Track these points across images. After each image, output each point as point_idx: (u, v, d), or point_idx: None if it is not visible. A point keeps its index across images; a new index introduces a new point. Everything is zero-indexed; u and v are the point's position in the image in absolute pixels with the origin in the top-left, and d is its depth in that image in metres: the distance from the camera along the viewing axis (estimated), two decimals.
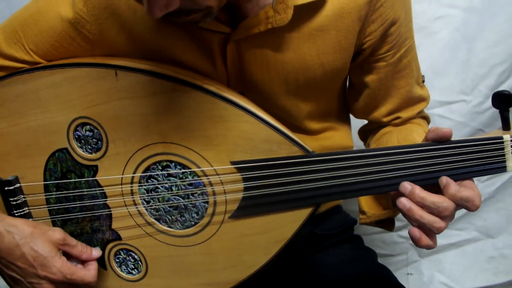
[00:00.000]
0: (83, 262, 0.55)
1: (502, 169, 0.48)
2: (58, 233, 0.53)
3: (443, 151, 0.48)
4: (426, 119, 0.68)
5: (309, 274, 0.69)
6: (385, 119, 0.64)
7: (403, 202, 0.48)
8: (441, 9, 0.92)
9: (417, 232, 0.49)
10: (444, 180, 0.48)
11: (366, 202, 0.62)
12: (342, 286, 0.66)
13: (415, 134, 0.60)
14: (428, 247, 0.49)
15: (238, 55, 0.54)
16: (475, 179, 0.48)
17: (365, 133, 0.71)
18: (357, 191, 0.50)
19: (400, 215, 0.61)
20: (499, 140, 0.47)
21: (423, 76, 0.65)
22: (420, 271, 1.03)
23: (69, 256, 0.54)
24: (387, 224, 0.64)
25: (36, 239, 0.51)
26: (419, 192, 0.48)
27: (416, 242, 0.49)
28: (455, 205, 0.47)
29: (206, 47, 0.54)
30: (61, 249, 0.53)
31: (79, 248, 0.55)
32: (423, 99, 0.65)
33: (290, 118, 0.59)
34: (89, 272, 0.54)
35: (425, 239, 0.49)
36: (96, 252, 0.56)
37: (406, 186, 0.49)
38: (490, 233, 1.03)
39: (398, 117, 0.64)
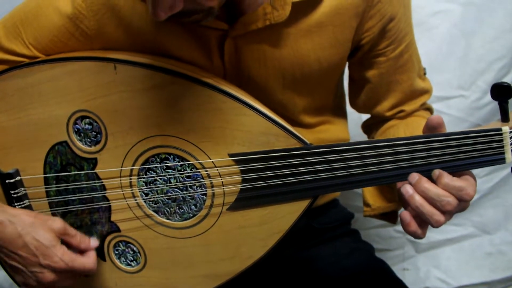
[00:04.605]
0: (82, 252, 0.56)
1: (501, 160, 0.48)
2: (58, 223, 0.54)
3: (441, 143, 0.48)
4: (430, 110, 0.68)
5: (307, 268, 0.69)
6: (389, 113, 0.65)
7: (406, 188, 0.48)
8: (439, 4, 0.92)
9: (407, 216, 0.49)
10: (437, 172, 0.48)
11: (371, 195, 0.62)
12: (339, 279, 0.66)
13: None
14: (415, 235, 0.49)
15: (236, 51, 0.55)
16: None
17: (369, 127, 0.71)
18: (355, 183, 0.50)
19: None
20: (498, 132, 0.47)
21: (424, 68, 0.66)
22: (417, 266, 1.03)
23: (68, 246, 0.55)
24: (390, 217, 0.64)
25: (37, 228, 0.52)
26: (424, 182, 0.48)
27: (404, 226, 0.49)
28: (457, 201, 0.47)
29: (204, 43, 0.54)
30: (61, 238, 0.54)
31: (78, 238, 0.55)
32: (426, 91, 0.66)
33: (286, 112, 0.59)
34: (89, 259, 0.55)
35: (414, 225, 0.48)
36: (94, 242, 0.57)
37: (414, 175, 0.48)
38: (487, 229, 1.03)
39: (402, 111, 0.64)
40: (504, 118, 0.49)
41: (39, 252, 0.51)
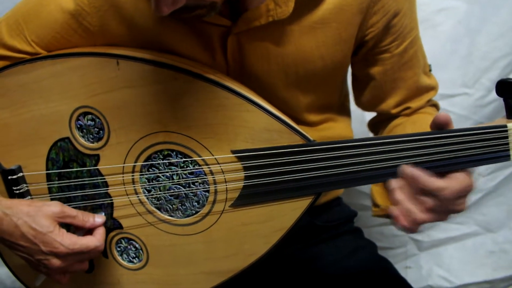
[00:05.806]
0: (91, 231, 0.54)
1: (506, 157, 0.48)
2: (54, 207, 0.52)
3: (446, 140, 0.48)
4: (436, 106, 0.67)
5: (309, 266, 0.69)
6: (394, 111, 0.64)
7: (392, 181, 0.48)
8: (444, 1, 0.92)
9: (395, 210, 0.48)
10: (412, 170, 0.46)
11: (379, 195, 0.62)
12: (342, 278, 0.66)
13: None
14: (406, 230, 0.47)
15: (239, 48, 0.54)
16: (477, 173, 0.48)
17: (376, 126, 0.70)
18: (357, 180, 0.50)
19: None
20: (503, 129, 0.47)
21: (430, 65, 0.65)
22: (419, 264, 1.03)
23: (75, 228, 0.54)
24: None
25: (33, 216, 0.51)
26: (414, 172, 0.46)
27: (395, 221, 0.48)
28: (437, 201, 0.46)
29: (206, 40, 0.54)
30: (61, 222, 0.52)
31: (81, 217, 0.53)
32: (432, 88, 0.65)
33: (289, 110, 0.59)
34: (93, 238, 0.53)
35: (402, 220, 0.47)
36: (99, 218, 0.55)
37: (403, 168, 0.48)
38: (490, 227, 1.02)
39: (408, 108, 0.64)
40: (509, 115, 0.49)
41: (38, 240, 0.50)
